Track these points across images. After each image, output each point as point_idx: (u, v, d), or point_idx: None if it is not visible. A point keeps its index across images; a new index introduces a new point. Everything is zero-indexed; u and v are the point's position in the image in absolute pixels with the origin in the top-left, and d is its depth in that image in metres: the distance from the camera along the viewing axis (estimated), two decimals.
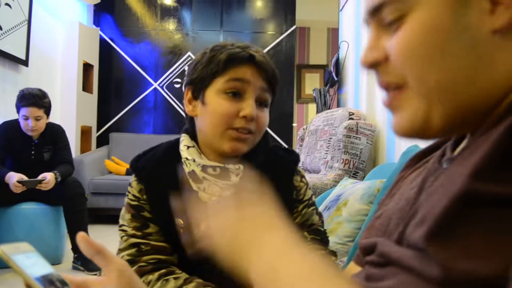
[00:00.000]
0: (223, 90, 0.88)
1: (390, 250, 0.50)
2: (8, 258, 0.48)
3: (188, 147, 0.94)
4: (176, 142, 0.99)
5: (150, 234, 0.93)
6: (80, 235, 0.53)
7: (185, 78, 0.98)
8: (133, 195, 0.95)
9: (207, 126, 0.91)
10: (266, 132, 0.98)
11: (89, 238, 0.54)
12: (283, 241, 0.47)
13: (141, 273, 0.88)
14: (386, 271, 0.50)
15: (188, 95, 0.95)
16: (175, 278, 0.87)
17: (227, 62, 0.88)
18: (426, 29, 0.45)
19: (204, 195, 0.90)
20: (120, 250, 0.92)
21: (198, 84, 0.91)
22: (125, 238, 0.92)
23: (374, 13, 0.49)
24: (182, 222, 0.91)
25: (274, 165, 0.97)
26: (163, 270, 0.89)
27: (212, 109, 0.89)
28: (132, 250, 0.91)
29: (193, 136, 0.97)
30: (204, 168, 0.90)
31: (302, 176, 1.02)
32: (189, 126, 0.98)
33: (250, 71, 0.89)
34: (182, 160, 0.93)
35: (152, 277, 0.87)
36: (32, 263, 0.51)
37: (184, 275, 0.89)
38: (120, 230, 0.95)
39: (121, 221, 0.96)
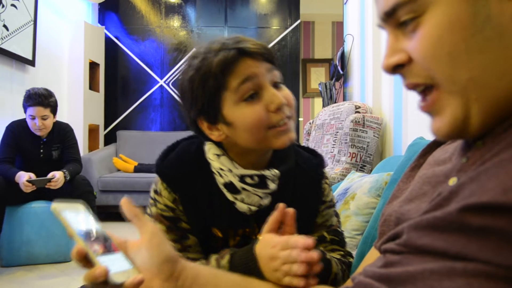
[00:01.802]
0: (239, 99, 0.79)
1: (417, 238, 0.48)
2: (59, 213, 0.54)
3: (218, 155, 0.86)
4: (201, 147, 0.90)
5: (189, 246, 0.87)
6: (124, 200, 0.58)
7: (184, 111, 0.88)
8: (166, 205, 0.86)
9: (245, 140, 0.82)
10: None
11: (130, 204, 0.59)
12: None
13: None
14: (411, 258, 0.48)
15: (204, 125, 0.85)
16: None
17: (223, 70, 0.78)
18: (447, 27, 0.44)
19: (243, 205, 0.85)
20: None
21: (209, 110, 0.82)
22: None
23: (389, 15, 0.48)
24: (219, 232, 0.88)
25: (303, 169, 0.93)
26: None
27: (241, 123, 0.80)
28: None
29: (218, 142, 0.88)
30: (241, 178, 0.83)
31: (326, 178, 0.99)
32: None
33: (248, 64, 0.79)
34: (214, 170, 0.86)
35: None
36: (79, 220, 0.56)
37: (201, 260, 0.84)
38: None
39: None
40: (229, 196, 0.85)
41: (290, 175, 0.90)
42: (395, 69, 0.50)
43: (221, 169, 0.84)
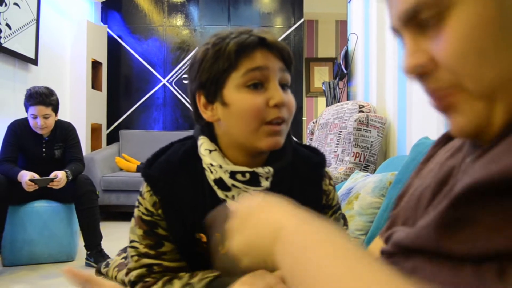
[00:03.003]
0: (243, 84, 0.78)
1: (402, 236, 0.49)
2: None
3: (210, 151, 0.83)
4: (193, 146, 0.88)
5: (164, 254, 0.86)
6: (66, 270, 0.53)
7: (188, 82, 0.86)
8: (146, 209, 0.85)
9: (236, 127, 0.80)
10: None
11: (75, 271, 0.54)
12: (309, 223, 0.44)
13: (146, 287, 0.83)
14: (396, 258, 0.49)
15: (201, 100, 0.83)
16: (179, 279, 0.83)
17: (237, 53, 0.77)
18: (474, 25, 0.42)
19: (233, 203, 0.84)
20: (130, 270, 0.85)
21: (211, 86, 0.80)
22: (136, 258, 0.85)
23: (408, 17, 0.47)
24: (204, 237, 0.85)
25: (301, 168, 0.90)
26: (166, 278, 0.84)
27: (237, 108, 0.78)
28: (143, 270, 0.84)
29: (212, 137, 0.86)
30: (232, 174, 0.81)
31: (330, 178, 0.95)
32: (205, 128, 0.87)
33: (264, 55, 0.79)
34: (205, 166, 0.84)
35: (157, 286, 0.83)
36: None
37: (187, 274, 0.84)
38: (130, 247, 0.86)
39: (131, 236, 0.87)
40: (220, 193, 0.83)
41: (286, 173, 0.87)
42: (417, 72, 0.48)
43: (212, 164, 0.82)
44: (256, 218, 0.50)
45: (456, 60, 0.44)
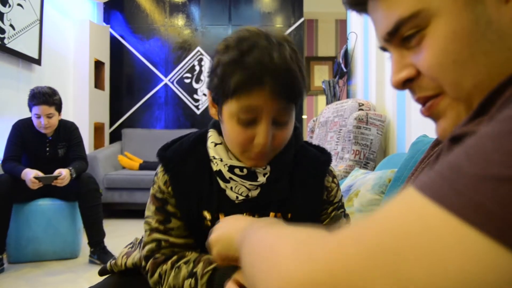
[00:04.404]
0: (235, 115, 0.80)
1: None
2: None
3: (216, 144, 0.89)
4: (204, 135, 0.94)
5: (171, 229, 0.91)
6: None
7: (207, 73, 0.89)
8: (159, 187, 0.92)
9: (226, 140, 0.87)
10: (297, 128, 0.93)
11: None
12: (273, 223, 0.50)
13: (156, 265, 0.89)
14: None
15: (210, 98, 0.88)
16: (185, 263, 0.88)
17: (236, 88, 0.77)
18: (451, 37, 0.45)
19: (232, 193, 0.89)
20: (144, 244, 0.92)
21: (215, 96, 0.84)
22: (148, 232, 0.92)
23: (392, 35, 0.50)
24: (209, 215, 0.91)
25: (305, 164, 0.94)
26: (174, 257, 0.89)
27: (227, 130, 0.83)
28: (153, 245, 0.91)
29: (221, 131, 0.91)
30: (231, 168, 0.86)
31: (334, 177, 0.99)
32: (217, 121, 0.91)
33: (263, 95, 0.77)
34: (210, 157, 0.90)
35: (166, 266, 0.88)
36: None
37: (193, 256, 0.89)
38: (145, 223, 0.93)
39: (146, 212, 0.94)
40: (221, 183, 0.89)
41: (284, 170, 0.91)
42: (404, 84, 0.52)
43: (214, 157, 0.88)
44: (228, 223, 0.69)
45: (437, 71, 0.47)
